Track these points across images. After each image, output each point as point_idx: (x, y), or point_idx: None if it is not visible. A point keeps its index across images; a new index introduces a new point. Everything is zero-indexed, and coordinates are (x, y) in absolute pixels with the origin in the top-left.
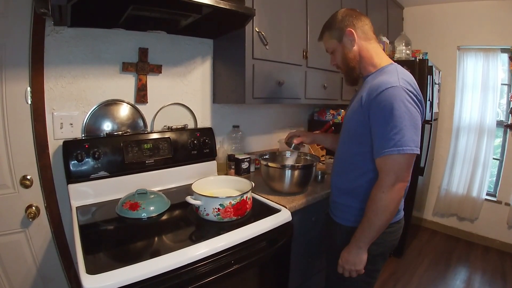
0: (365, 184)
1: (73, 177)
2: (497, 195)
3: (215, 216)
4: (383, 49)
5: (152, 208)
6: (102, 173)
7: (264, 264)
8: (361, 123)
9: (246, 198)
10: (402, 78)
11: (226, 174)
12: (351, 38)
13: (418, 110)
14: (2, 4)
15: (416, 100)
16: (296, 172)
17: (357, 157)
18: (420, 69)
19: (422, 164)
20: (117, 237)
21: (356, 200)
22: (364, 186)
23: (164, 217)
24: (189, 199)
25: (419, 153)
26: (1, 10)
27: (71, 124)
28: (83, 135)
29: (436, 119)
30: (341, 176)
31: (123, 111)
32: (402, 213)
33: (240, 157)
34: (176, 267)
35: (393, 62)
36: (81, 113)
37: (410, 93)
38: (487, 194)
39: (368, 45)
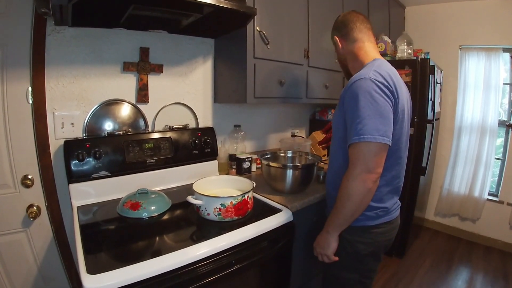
0: None
1: (74, 177)
2: (499, 195)
3: (216, 216)
4: (385, 48)
5: (153, 207)
6: (103, 172)
7: (265, 264)
8: (341, 118)
9: (247, 198)
10: (375, 71)
11: (227, 173)
12: (337, 43)
13: (388, 100)
14: (3, 4)
15: (386, 91)
16: (298, 172)
17: (342, 151)
18: (421, 68)
19: (424, 164)
20: (118, 237)
21: None
22: None
23: (165, 217)
24: (190, 198)
25: (388, 142)
26: (2, 10)
27: (72, 123)
28: (84, 134)
29: (438, 119)
30: (332, 172)
31: (124, 111)
32: (394, 214)
33: (242, 156)
34: (177, 267)
35: (378, 58)
36: (82, 113)
37: (378, 83)
38: (489, 194)
39: (353, 47)
